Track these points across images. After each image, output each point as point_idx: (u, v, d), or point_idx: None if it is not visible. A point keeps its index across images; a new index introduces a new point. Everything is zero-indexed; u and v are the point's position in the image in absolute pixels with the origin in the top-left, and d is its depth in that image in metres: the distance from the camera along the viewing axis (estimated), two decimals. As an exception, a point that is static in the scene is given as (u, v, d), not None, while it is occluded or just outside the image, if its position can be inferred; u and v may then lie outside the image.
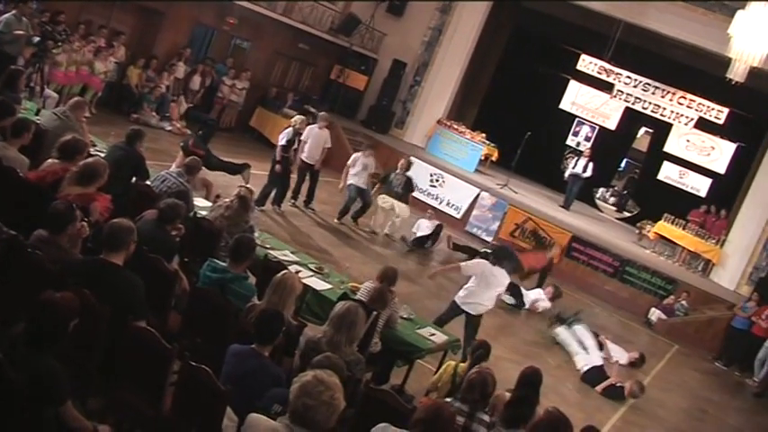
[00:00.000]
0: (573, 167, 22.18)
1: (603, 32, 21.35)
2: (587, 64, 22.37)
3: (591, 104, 23.49)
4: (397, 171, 16.37)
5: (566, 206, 22.26)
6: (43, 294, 4.28)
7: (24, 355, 4.11)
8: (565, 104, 23.76)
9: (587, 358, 12.36)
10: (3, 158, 7.06)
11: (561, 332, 13.01)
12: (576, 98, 23.58)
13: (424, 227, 16.59)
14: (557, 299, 14.89)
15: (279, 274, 6.29)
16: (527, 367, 6.82)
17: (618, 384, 11.80)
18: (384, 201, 16.19)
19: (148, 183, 9.07)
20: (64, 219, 5.73)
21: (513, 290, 14.31)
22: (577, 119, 24.56)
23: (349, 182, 15.82)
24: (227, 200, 8.96)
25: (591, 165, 21.69)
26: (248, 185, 9.69)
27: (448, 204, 19.97)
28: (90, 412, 4.85)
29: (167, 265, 6.56)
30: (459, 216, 19.84)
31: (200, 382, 4.73)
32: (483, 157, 22.63)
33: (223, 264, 6.74)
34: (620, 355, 13.53)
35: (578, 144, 24.90)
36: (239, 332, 5.83)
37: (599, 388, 11.75)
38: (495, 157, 23.38)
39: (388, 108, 23.51)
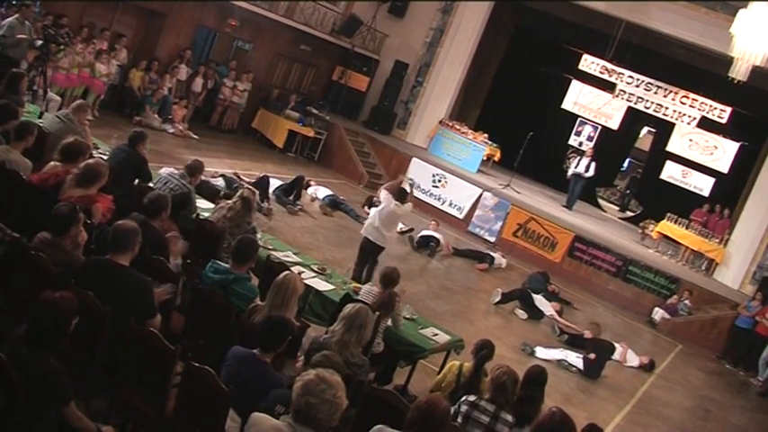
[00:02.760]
0: (575, 167, 22.17)
1: (605, 32, 21.33)
2: (589, 64, 22.35)
3: (593, 104, 23.45)
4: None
5: (568, 206, 22.26)
6: (42, 294, 4.29)
7: (27, 356, 4.12)
8: (567, 104, 23.72)
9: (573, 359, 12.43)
10: (6, 161, 7.08)
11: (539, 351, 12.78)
12: (578, 98, 23.55)
13: (426, 226, 16.77)
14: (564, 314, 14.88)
15: (280, 275, 6.29)
16: (532, 366, 6.80)
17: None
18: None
19: (151, 185, 9.08)
20: (67, 221, 5.74)
21: (526, 302, 14.31)
22: (580, 119, 24.52)
23: None
24: (229, 201, 8.97)
25: (593, 164, 21.69)
26: (249, 187, 9.68)
27: (450, 205, 19.97)
28: (93, 413, 4.87)
29: (169, 266, 6.58)
30: (461, 216, 19.85)
31: (203, 383, 4.74)
32: (485, 158, 22.62)
33: (225, 265, 6.74)
34: (632, 358, 13.61)
35: (581, 144, 24.87)
36: (241, 333, 5.84)
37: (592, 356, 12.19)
38: (497, 157, 23.36)
39: (390, 109, 23.51)
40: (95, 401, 5.16)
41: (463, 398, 6.08)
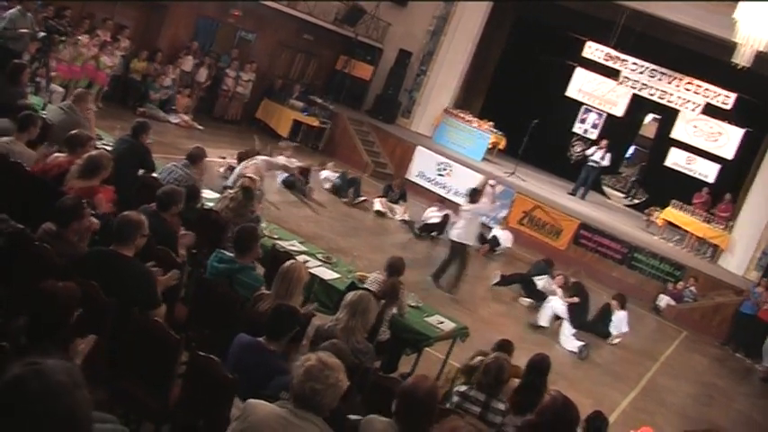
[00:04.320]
0: (591, 156, 22.12)
1: (609, 19, 21.28)
2: (593, 51, 22.32)
3: (597, 91, 23.40)
4: (394, 190, 17.98)
5: (574, 193, 22.26)
6: (43, 284, 4.28)
7: (27, 347, 4.11)
8: (571, 92, 23.68)
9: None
10: (10, 153, 7.09)
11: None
12: (582, 85, 23.50)
13: (431, 215, 16.73)
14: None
15: (286, 264, 6.30)
16: (535, 354, 6.81)
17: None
18: (380, 205, 17.23)
19: (155, 175, 9.09)
20: (71, 213, 5.75)
21: (528, 287, 14.33)
22: (584, 106, 24.48)
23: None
24: (231, 191, 8.98)
25: (608, 155, 21.77)
26: (251, 175, 9.68)
27: (455, 193, 19.94)
28: (96, 404, 4.87)
29: (174, 255, 6.59)
30: (465, 204, 19.77)
31: (208, 372, 4.75)
32: (490, 146, 22.62)
33: (230, 254, 6.75)
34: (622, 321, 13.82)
35: (585, 131, 24.82)
36: (246, 322, 5.85)
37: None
38: (501, 145, 23.35)
39: (394, 97, 23.52)
40: (98, 392, 5.16)
41: (455, 389, 6.08)
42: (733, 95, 20.93)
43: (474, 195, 13.18)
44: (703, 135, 22.44)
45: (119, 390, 5.21)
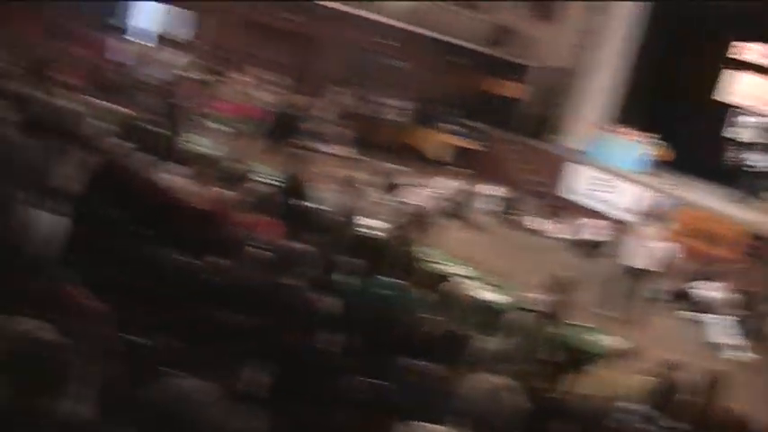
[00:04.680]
0: (750, 162, 21.31)
1: (763, 15, 20.48)
2: (749, 51, 21.58)
3: (757, 93, 22.56)
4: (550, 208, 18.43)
5: (744, 201, 21.38)
6: (212, 314, 4.39)
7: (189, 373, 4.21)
8: (727, 95, 22.93)
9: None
10: (170, 188, 7.34)
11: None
12: (738, 88, 22.72)
13: (590, 232, 16.51)
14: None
15: (444, 286, 6.31)
16: (708, 372, 6.62)
17: None
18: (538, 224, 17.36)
19: (313, 205, 9.26)
20: (236, 245, 5.90)
21: (689, 300, 13.97)
22: (741, 109, 23.63)
23: None
24: (392, 217, 9.09)
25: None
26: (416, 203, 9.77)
27: (615, 208, 19.53)
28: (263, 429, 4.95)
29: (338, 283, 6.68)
30: (627, 219, 19.36)
31: (373, 397, 4.76)
32: (648, 157, 22.01)
33: (391, 280, 6.79)
34: None
35: (744, 136, 23.92)
36: (408, 346, 5.86)
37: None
38: (661, 156, 22.66)
39: (544, 114, 23.26)
40: (264, 418, 5.25)
41: (620, 405, 5.93)
42: None
43: (648, 219, 12.99)
44: None
45: (284, 415, 5.29)
